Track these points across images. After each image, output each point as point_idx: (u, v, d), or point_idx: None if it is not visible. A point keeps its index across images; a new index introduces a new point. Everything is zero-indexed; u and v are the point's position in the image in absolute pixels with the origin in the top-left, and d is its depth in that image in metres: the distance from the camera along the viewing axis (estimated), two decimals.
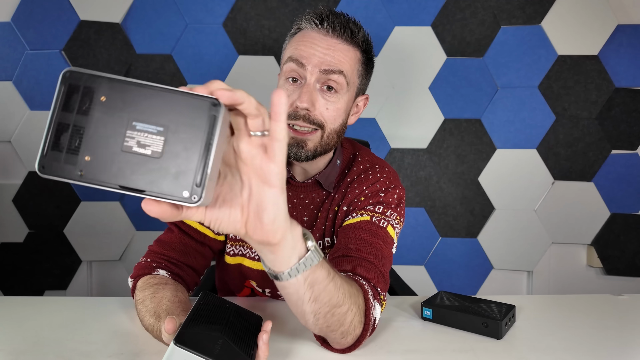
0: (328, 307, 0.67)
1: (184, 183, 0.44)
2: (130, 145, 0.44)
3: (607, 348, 0.80)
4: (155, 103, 0.45)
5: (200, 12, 1.87)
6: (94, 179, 0.44)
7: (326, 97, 0.92)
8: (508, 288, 1.97)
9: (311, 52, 0.91)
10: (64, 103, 0.45)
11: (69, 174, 0.44)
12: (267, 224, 0.51)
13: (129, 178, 0.44)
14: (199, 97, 0.45)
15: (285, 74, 0.94)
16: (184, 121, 0.45)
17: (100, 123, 0.44)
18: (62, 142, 0.44)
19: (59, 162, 0.44)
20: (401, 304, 1.00)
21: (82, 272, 1.93)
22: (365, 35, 0.96)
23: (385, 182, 1.01)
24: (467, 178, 1.94)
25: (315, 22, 0.92)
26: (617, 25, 1.86)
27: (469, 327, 0.86)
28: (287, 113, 0.49)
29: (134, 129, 0.44)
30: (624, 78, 1.88)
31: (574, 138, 1.90)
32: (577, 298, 1.05)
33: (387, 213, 0.95)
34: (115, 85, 0.45)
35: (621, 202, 1.91)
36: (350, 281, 0.74)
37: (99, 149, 0.44)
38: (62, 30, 1.83)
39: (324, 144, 0.94)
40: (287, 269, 0.59)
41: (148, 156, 0.44)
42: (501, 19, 1.88)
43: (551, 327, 0.88)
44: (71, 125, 0.44)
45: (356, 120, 1.07)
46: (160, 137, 0.44)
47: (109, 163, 0.44)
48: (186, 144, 0.44)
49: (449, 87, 1.91)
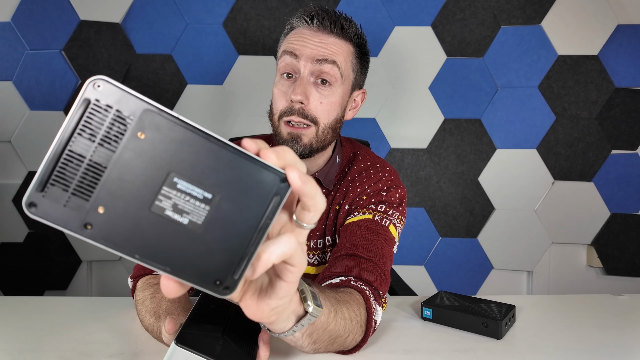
0: (328, 342, 0.68)
1: (219, 270, 0.35)
2: (162, 207, 0.34)
3: (607, 348, 0.79)
4: (208, 159, 0.34)
5: (201, 12, 1.87)
6: (104, 238, 0.33)
7: (320, 90, 0.92)
8: (508, 288, 1.97)
9: (304, 44, 0.92)
10: (84, 125, 0.32)
11: (70, 224, 0.33)
12: (264, 310, 0.45)
13: (151, 248, 0.34)
14: (267, 168, 0.36)
15: (280, 69, 0.95)
16: (241, 193, 0.35)
17: (129, 167, 0.33)
18: (70, 178, 0.33)
19: (59, 203, 0.32)
20: (401, 304, 1.00)
21: (82, 272, 1.93)
22: (357, 30, 0.97)
23: (387, 182, 1.01)
24: (467, 178, 1.94)
25: (306, 20, 0.94)
26: (617, 25, 1.86)
27: (469, 327, 0.86)
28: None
29: (173, 186, 0.34)
30: (623, 78, 1.88)
31: (574, 138, 1.90)
32: (577, 298, 1.05)
33: (389, 212, 0.95)
34: (162, 120, 0.33)
35: (621, 202, 1.91)
36: (351, 302, 0.73)
37: (120, 201, 0.33)
38: (62, 30, 1.83)
39: (319, 140, 0.94)
40: (282, 332, 0.57)
41: (183, 226, 0.34)
42: (501, 19, 1.88)
43: (551, 327, 0.88)
44: (87, 159, 0.33)
45: (354, 116, 1.06)
46: (205, 206, 0.34)
47: (130, 223, 0.33)
48: (236, 222, 0.35)
49: (449, 87, 1.91)
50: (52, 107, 1.85)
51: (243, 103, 1.90)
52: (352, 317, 0.71)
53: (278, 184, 0.35)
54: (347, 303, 0.71)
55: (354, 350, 0.75)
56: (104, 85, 0.32)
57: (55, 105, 1.85)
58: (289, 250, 0.39)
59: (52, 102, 1.85)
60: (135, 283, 0.90)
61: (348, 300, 0.72)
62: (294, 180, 0.36)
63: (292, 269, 0.42)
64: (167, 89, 1.84)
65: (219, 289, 0.35)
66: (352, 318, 0.71)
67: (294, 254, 0.40)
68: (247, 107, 1.90)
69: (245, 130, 1.88)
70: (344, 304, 0.70)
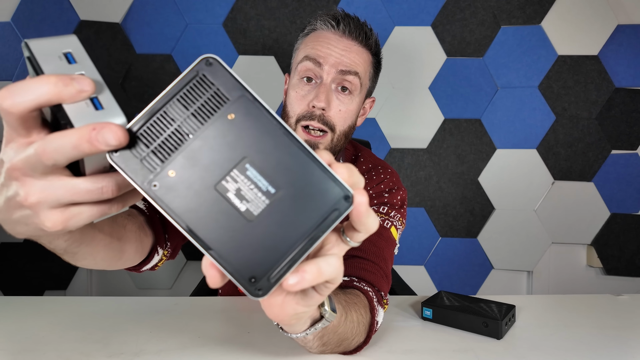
0: (336, 344, 0.68)
1: (258, 268, 0.35)
2: (227, 188, 0.35)
3: (607, 348, 0.80)
4: (283, 155, 0.35)
5: (201, 12, 1.87)
6: (164, 200, 0.34)
7: (340, 98, 0.92)
8: (508, 288, 1.97)
9: (328, 52, 0.91)
10: (185, 94, 0.35)
11: (140, 177, 0.34)
12: (288, 314, 0.44)
13: (203, 225, 0.34)
14: (336, 181, 0.35)
15: (300, 73, 0.94)
16: (303, 197, 0.35)
17: (210, 142, 0.35)
18: (155, 137, 0.35)
19: (137, 157, 0.34)
20: (401, 304, 1.00)
21: (82, 272, 1.93)
22: (377, 39, 0.97)
23: (389, 184, 1.01)
24: (467, 178, 1.93)
25: (331, 23, 0.93)
26: (617, 25, 1.85)
27: (469, 327, 0.86)
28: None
29: (243, 172, 0.35)
30: (623, 78, 1.88)
31: (573, 138, 1.90)
32: (577, 298, 1.05)
33: (391, 214, 0.95)
34: (254, 109, 0.35)
35: (621, 202, 1.91)
36: (359, 304, 0.73)
37: (191, 171, 0.35)
38: (62, 30, 1.83)
39: (333, 146, 0.95)
40: (296, 334, 0.57)
41: (239, 212, 0.35)
42: (501, 19, 1.88)
43: (551, 327, 0.88)
44: (176, 124, 0.35)
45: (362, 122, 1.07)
46: (265, 199, 0.35)
47: (192, 194, 0.35)
48: (290, 224, 0.35)
49: (449, 87, 1.91)
50: None
51: None
52: (360, 320, 0.71)
53: (341, 200, 0.35)
54: (355, 305, 0.72)
55: (355, 351, 0.75)
56: (214, 64, 0.35)
57: None
58: (335, 273, 0.38)
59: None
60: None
61: (356, 302, 0.73)
62: (361, 205, 0.36)
63: (330, 285, 0.41)
64: None
65: (252, 288, 0.34)
66: (360, 321, 0.71)
67: (339, 275, 0.39)
68: None
69: None
70: (353, 306, 0.71)
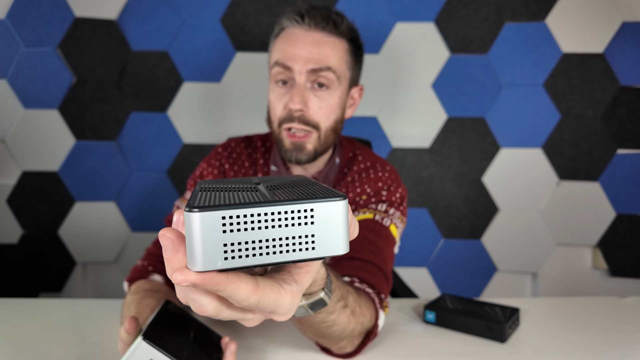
0: (315, 334, 0.68)
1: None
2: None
3: (612, 351, 0.78)
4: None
5: (197, 8, 1.84)
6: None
7: (318, 94, 0.91)
8: (512, 290, 1.94)
9: (296, 52, 0.89)
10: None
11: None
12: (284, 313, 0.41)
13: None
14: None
15: (273, 77, 0.94)
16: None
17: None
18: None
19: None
20: (403, 307, 0.99)
21: (77, 274, 1.91)
22: (349, 24, 0.95)
23: (387, 181, 0.99)
24: (470, 178, 1.90)
25: (296, 19, 0.92)
26: (622, 22, 1.83)
27: (472, 331, 0.84)
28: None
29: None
30: (629, 76, 1.84)
31: (579, 137, 1.87)
32: (582, 300, 1.04)
33: (390, 212, 0.94)
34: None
35: (627, 203, 1.87)
36: (360, 298, 0.72)
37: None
38: (57, 27, 1.81)
39: (322, 143, 0.94)
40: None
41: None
42: (505, 15, 1.85)
43: (556, 330, 0.87)
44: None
45: (354, 115, 1.06)
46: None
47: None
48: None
49: (452, 85, 1.88)
50: (47, 105, 1.83)
51: (241, 101, 1.87)
52: (356, 312, 0.70)
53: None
54: (357, 299, 0.70)
55: (354, 354, 0.74)
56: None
57: (49, 104, 1.83)
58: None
59: (47, 100, 1.83)
60: (129, 286, 0.89)
61: (358, 298, 0.71)
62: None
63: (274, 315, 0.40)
64: (163, 87, 1.81)
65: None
66: (356, 313, 0.70)
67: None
68: (244, 104, 1.87)
69: (243, 128, 1.86)
70: (355, 298, 0.69)
